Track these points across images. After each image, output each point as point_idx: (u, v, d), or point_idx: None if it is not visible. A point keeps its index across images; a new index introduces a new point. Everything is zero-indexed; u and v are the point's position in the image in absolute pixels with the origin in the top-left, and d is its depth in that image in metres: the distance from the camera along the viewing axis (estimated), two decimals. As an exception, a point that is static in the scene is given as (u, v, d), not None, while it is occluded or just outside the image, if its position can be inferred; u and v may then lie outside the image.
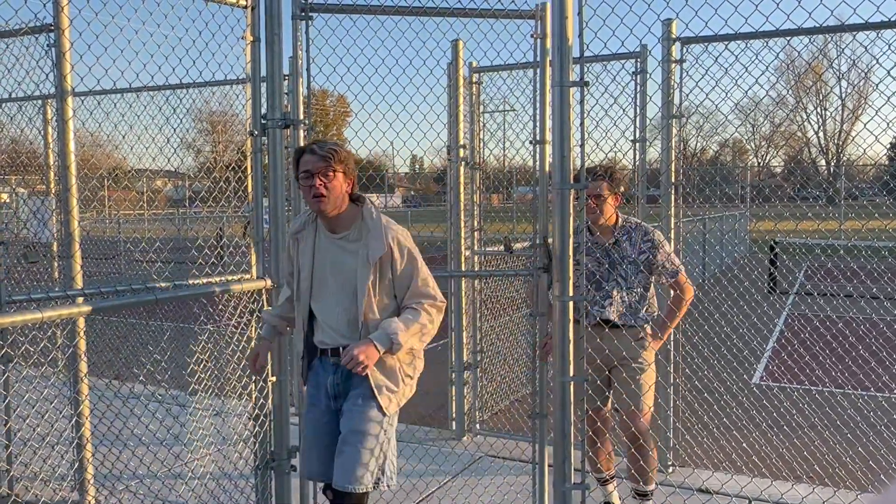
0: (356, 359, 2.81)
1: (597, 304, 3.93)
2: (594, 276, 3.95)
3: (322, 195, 2.85)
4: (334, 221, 2.97)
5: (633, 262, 3.90)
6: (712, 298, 8.34)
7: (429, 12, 3.80)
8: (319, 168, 2.85)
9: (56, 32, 3.54)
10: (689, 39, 4.54)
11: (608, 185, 3.87)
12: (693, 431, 5.77)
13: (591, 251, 3.96)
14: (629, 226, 3.95)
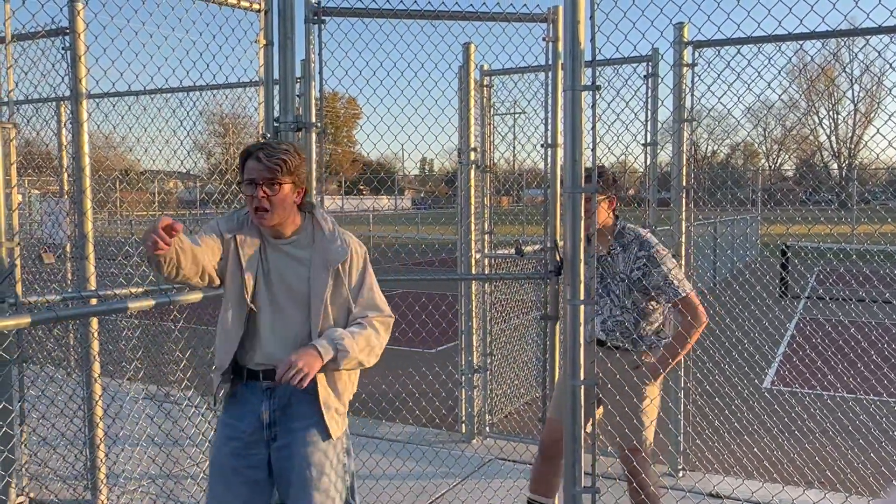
0: (294, 366, 2.38)
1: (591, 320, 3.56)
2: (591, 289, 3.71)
3: (265, 209, 2.49)
4: (279, 226, 2.59)
5: (624, 278, 3.47)
6: (723, 302, 8.32)
7: (441, 16, 3.81)
8: (264, 178, 2.48)
9: (71, 36, 3.57)
10: (700, 43, 4.54)
11: (599, 187, 3.46)
12: (704, 435, 5.75)
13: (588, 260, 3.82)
14: (627, 236, 3.52)
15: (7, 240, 3.04)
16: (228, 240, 2.55)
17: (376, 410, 6.34)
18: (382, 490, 4.58)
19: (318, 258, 2.58)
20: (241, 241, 2.56)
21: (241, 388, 2.59)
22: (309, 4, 3.65)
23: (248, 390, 2.57)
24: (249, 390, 2.57)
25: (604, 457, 5.11)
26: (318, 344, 2.46)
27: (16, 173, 3.11)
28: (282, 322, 2.56)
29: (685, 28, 4.57)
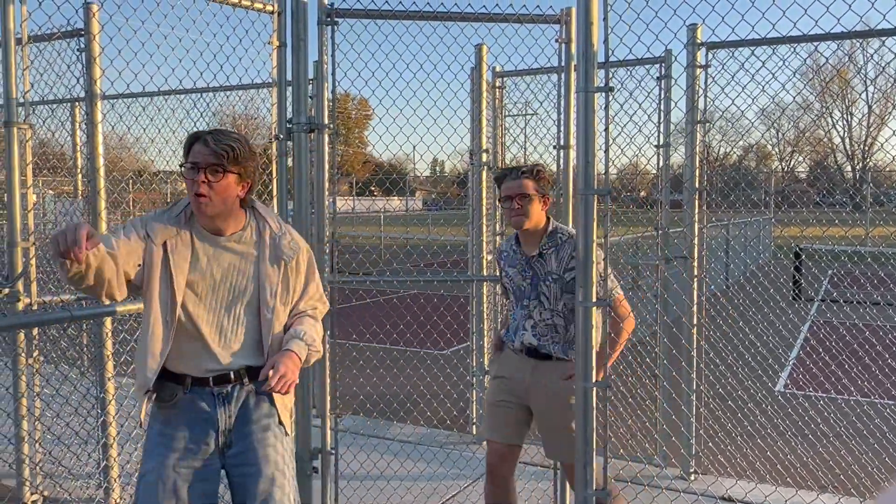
0: (287, 377, 2.32)
1: (520, 324, 3.35)
2: (519, 292, 3.37)
3: (203, 195, 2.32)
4: (220, 221, 2.42)
5: (556, 279, 3.28)
6: (736, 305, 8.27)
7: (453, 17, 3.82)
8: (208, 164, 2.32)
9: (86, 37, 3.60)
10: (714, 44, 4.52)
11: (534, 184, 3.30)
12: (716, 439, 5.72)
13: (514, 262, 3.41)
14: (560, 236, 3.34)
15: (22, 240, 3.06)
16: (154, 243, 2.36)
17: (387, 411, 6.34)
18: (393, 491, 4.59)
19: (267, 255, 2.47)
20: (173, 243, 2.38)
21: (182, 397, 2.40)
22: (322, 6, 3.66)
23: (194, 398, 2.40)
24: (197, 398, 2.40)
25: (615, 459, 5.09)
26: (294, 346, 2.41)
27: (31, 174, 3.13)
28: (229, 324, 2.42)
29: (698, 29, 4.55)
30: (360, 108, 30.59)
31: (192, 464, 2.37)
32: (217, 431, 2.40)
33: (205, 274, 2.39)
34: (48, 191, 9.51)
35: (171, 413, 2.40)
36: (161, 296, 2.35)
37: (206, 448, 2.39)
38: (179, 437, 2.38)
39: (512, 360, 3.39)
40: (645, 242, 9.33)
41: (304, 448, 3.74)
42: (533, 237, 3.34)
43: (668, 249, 4.90)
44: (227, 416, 2.41)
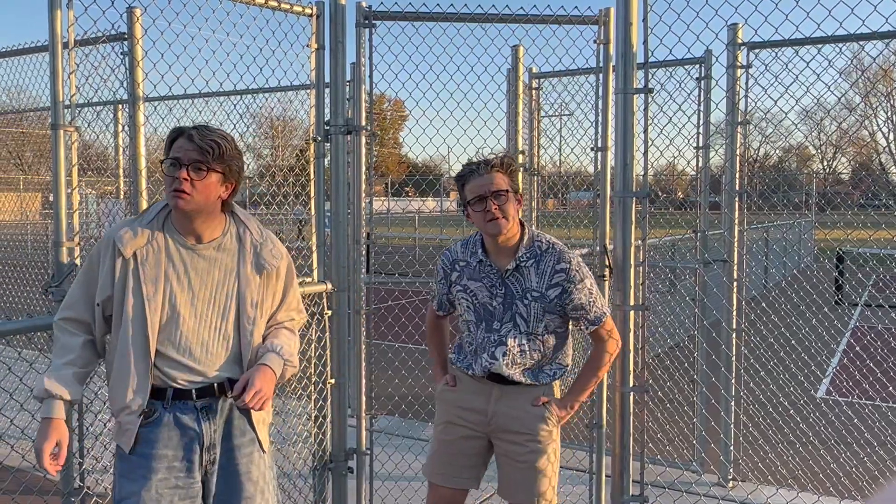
0: (262, 393, 2.22)
1: (485, 350, 2.77)
2: (485, 311, 2.79)
3: (184, 192, 2.18)
4: (199, 225, 2.28)
5: (538, 297, 2.73)
6: (777, 309, 8.13)
7: (491, 19, 3.81)
8: (191, 160, 2.19)
9: (130, 41, 3.66)
10: (755, 44, 4.44)
11: (508, 180, 2.72)
12: (756, 445, 5.62)
13: (480, 275, 2.79)
14: (539, 246, 2.77)
15: (68, 240, 3.13)
16: (123, 256, 2.22)
17: (422, 412, 6.35)
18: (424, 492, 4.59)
19: (248, 263, 2.35)
20: (143, 253, 2.23)
21: (162, 411, 2.25)
22: (360, 9, 3.69)
23: (176, 413, 2.26)
24: (179, 413, 2.26)
25: (652, 465, 5.03)
26: (269, 361, 2.31)
27: (76, 175, 3.20)
28: (210, 334, 2.28)
29: (739, 29, 4.48)
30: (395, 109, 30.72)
31: (177, 483, 2.25)
32: (202, 448, 2.28)
33: (182, 283, 2.26)
34: (90, 191, 9.73)
35: (150, 431, 2.24)
36: (136, 306, 2.21)
37: (191, 465, 2.26)
38: (161, 455, 2.24)
39: (468, 384, 2.86)
40: (683, 245, 9.22)
41: (340, 448, 3.76)
42: (507, 247, 2.76)
43: (707, 252, 4.83)
44: (213, 430, 2.30)
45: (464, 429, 2.84)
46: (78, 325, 2.28)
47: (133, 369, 2.20)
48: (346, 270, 3.73)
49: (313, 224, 3.85)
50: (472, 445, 2.84)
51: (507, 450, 2.80)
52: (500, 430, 2.80)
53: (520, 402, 2.78)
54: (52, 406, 2.16)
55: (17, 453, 3.21)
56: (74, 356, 2.23)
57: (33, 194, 13.92)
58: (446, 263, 2.90)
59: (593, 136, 3.97)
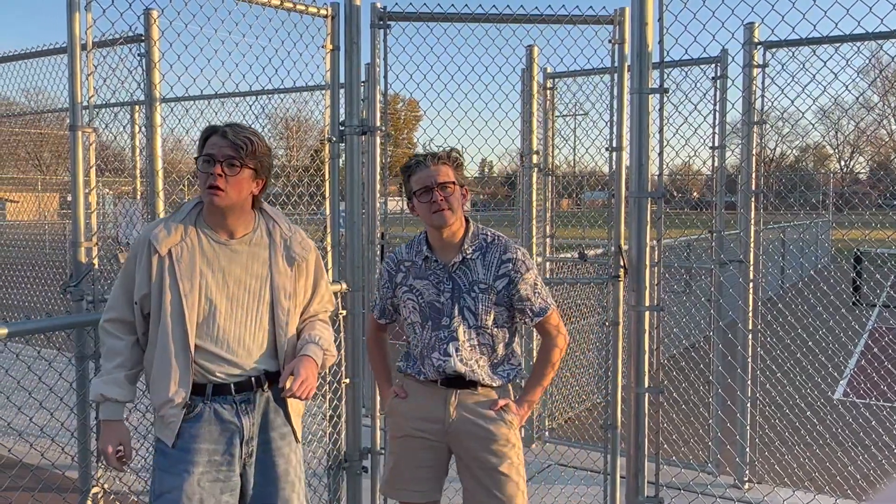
0: (308, 383, 2.28)
1: (435, 349, 2.69)
2: (432, 309, 2.71)
3: (218, 188, 2.25)
4: (231, 221, 2.36)
5: (485, 289, 2.68)
6: (793, 310, 8.07)
7: (505, 19, 3.81)
8: (225, 156, 2.26)
9: (147, 42, 3.70)
10: (772, 43, 4.41)
11: (454, 173, 2.68)
12: (772, 447, 5.58)
13: (426, 273, 2.74)
14: (483, 239, 2.74)
15: (86, 240, 3.16)
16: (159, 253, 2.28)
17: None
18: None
19: (280, 256, 2.41)
20: (178, 250, 2.29)
21: (202, 406, 2.31)
22: (375, 10, 3.70)
23: (216, 407, 2.32)
24: (219, 407, 2.32)
25: (667, 466, 5.01)
26: (310, 352, 2.36)
27: (94, 176, 3.23)
28: (246, 328, 2.34)
29: (756, 28, 4.45)
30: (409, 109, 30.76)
31: (217, 476, 2.30)
32: (242, 441, 2.34)
33: (217, 277, 2.32)
34: (108, 191, 9.81)
35: (191, 425, 2.30)
36: (173, 308, 2.27)
37: (231, 459, 2.32)
38: (202, 449, 2.29)
39: (420, 393, 2.75)
40: (699, 245, 9.16)
41: (354, 448, 3.77)
42: (451, 241, 2.71)
43: (722, 253, 4.80)
44: (251, 424, 2.35)
45: (422, 440, 2.73)
46: (122, 326, 2.35)
47: (174, 363, 2.26)
48: (361, 270, 3.74)
49: (328, 224, 3.86)
50: (432, 456, 2.75)
51: (471, 456, 2.70)
52: (460, 436, 2.69)
53: (477, 406, 2.69)
54: (108, 409, 2.28)
55: (36, 451, 3.25)
56: (123, 359, 2.32)
57: (51, 194, 14.05)
58: (391, 265, 2.83)
59: (608, 135, 3.96)
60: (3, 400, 3.13)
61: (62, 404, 3.32)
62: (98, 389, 2.27)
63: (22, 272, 9.29)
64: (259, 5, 3.55)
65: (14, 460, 3.68)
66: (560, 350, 2.78)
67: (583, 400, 6.55)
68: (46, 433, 3.27)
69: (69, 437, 3.17)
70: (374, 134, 3.78)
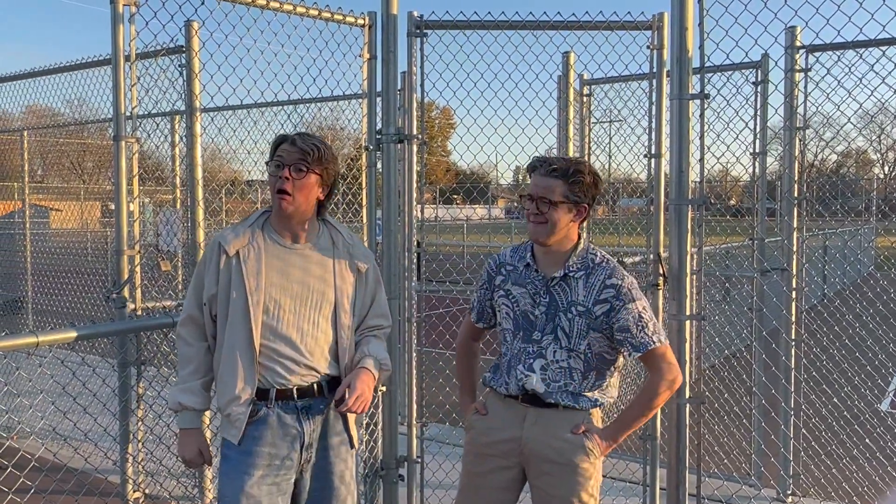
0: (364, 397, 2.34)
1: (520, 361, 2.59)
2: (525, 320, 2.61)
3: (286, 192, 2.35)
4: (297, 226, 2.44)
5: (583, 312, 2.53)
6: (838, 319, 7.88)
7: (542, 26, 3.79)
8: (293, 161, 2.36)
9: (187, 54, 3.76)
10: (815, 47, 4.32)
11: (565, 188, 2.52)
12: (817, 460, 5.45)
13: (525, 281, 2.64)
14: (592, 259, 2.59)
15: (128, 248, 3.21)
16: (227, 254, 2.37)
17: (472, 421, 6.33)
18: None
19: (343, 262, 2.48)
20: (245, 252, 2.38)
21: (266, 410, 2.37)
22: (412, 18, 3.71)
23: (279, 413, 2.37)
24: (282, 412, 2.37)
25: (709, 479, 4.92)
26: (367, 365, 2.42)
27: (137, 185, 3.29)
28: (310, 333, 2.40)
29: (798, 32, 4.36)
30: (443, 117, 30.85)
31: (275, 480, 2.36)
32: (302, 447, 2.39)
33: (281, 279, 2.38)
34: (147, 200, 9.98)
35: (254, 429, 2.35)
36: (239, 306, 2.34)
37: (290, 464, 2.38)
38: (264, 453, 2.35)
39: (499, 410, 2.65)
40: (739, 253, 9.01)
41: (391, 456, 3.77)
42: (555, 254, 2.60)
43: (765, 261, 4.71)
44: (312, 430, 2.41)
45: (495, 459, 2.63)
46: (193, 330, 2.44)
47: (240, 361, 2.33)
48: (397, 278, 3.75)
49: (365, 232, 3.88)
50: (505, 478, 2.62)
51: (542, 481, 2.56)
52: (533, 458, 2.57)
53: (556, 428, 2.55)
54: (186, 417, 2.40)
55: (80, 455, 3.30)
56: (195, 365, 2.41)
57: (93, 203, 14.36)
58: (492, 267, 2.76)
59: (646, 142, 3.92)
60: (49, 405, 3.19)
61: (105, 410, 3.37)
62: (175, 398, 2.38)
63: (66, 280, 9.49)
64: (297, 16, 3.59)
65: (59, 464, 3.74)
66: (666, 388, 2.53)
67: (620, 408, 6.46)
68: (90, 438, 3.32)
69: (112, 442, 3.22)
70: (411, 142, 3.78)
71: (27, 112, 7.62)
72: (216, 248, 2.40)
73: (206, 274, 2.41)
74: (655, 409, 2.58)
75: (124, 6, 3.12)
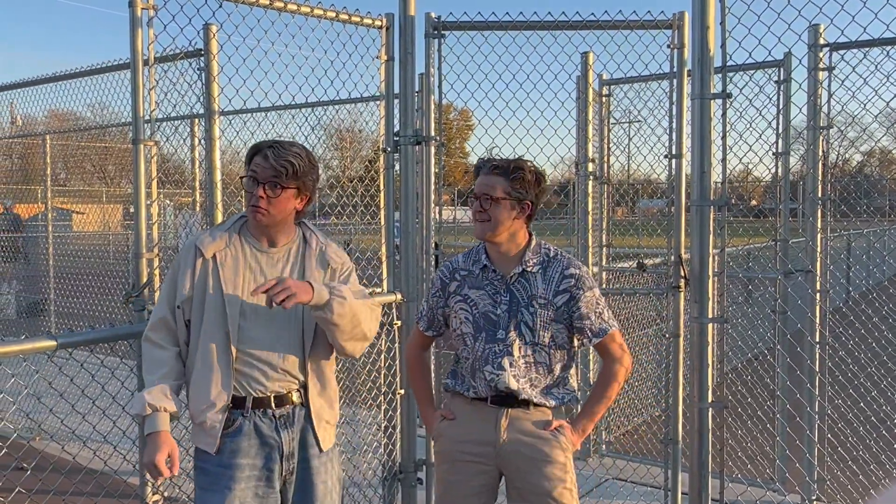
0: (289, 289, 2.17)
1: (488, 362, 2.59)
2: (486, 321, 2.63)
3: (262, 209, 2.32)
4: (273, 232, 2.42)
5: (544, 304, 2.59)
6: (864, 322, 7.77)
7: (561, 26, 3.76)
8: (267, 178, 2.31)
9: (206, 57, 3.76)
10: (839, 45, 4.25)
11: (506, 185, 2.56)
12: (842, 465, 5.35)
13: (482, 283, 2.66)
14: (545, 254, 2.66)
15: (147, 251, 3.21)
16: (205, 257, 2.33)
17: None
18: (497, 505, 4.53)
19: (314, 262, 2.44)
20: (222, 255, 2.35)
21: (242, 420, 2.30)
22: (430, 19, 3.69)
23: (256, 422, 2.32)
24: (258, 421, 2.32)
25: (732, 483, 4.85)
26: (313, 281, 2.31)
27: (156, 188, 3.29)
28: (285, 339, 2.35)
29: (822, 30, 4.29)
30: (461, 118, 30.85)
31: (257, 492, 2.31)
32: (281, 457, 2.34)
33: (257, 283, 2.33)
34: (167, 202, 10.05)
35: (231, 440, 2.29)
36: (216, 310, 2.29)
37: (270, 474, 2.32)
38: (243, 464, 2.28)
39: (468, 414, 2.65)
40: (762, 255, 8.90)
41: (409, 459, 3.75)
42: (508, 252, 2.64)
43: (788, 262, 4.64)
44: (290, 439, 2.36)
45: (471, 465, 2.61)
46: (165, 334, 2.36)
47: (216, 365, 2.27)
48: (415, 280, 3.73)
49: (383, 234, 3.86)
50: (482, 483, 2.62)
51: (523, 480, 2.57)
52: (511, 459, 2.58)
53: (530, 426, 2.58)
54: (157, 420, 2.23)
55: (99, 458, 3.31)
56: (167, 369, 2.30)
57: (115, 206, 14.50)
58: (445, 274, 2.76)
59: (666, 143, 3.87)
60: (69, 408, 3.21)
61: (124, 412, 3.38)
62: (144, 401, 2.23)
63: (86, 282, 9.58)
64: (315, 18, 3.58)
65: (79, 466, 3.77)
66: (624, 370, 2.62)
67: (640, 412, 6.40)
68: (109, 441, 3.33)
69: (131, 444, 3.23)
70: (429, 144, 3.76)
71: (50, 116, 7.70)
72: (192, 251, 2.35)
73: (179, 277, 2.34)
74: (616, 393, 2.64)
75: (143, 10, 3.12)
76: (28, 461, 4.50)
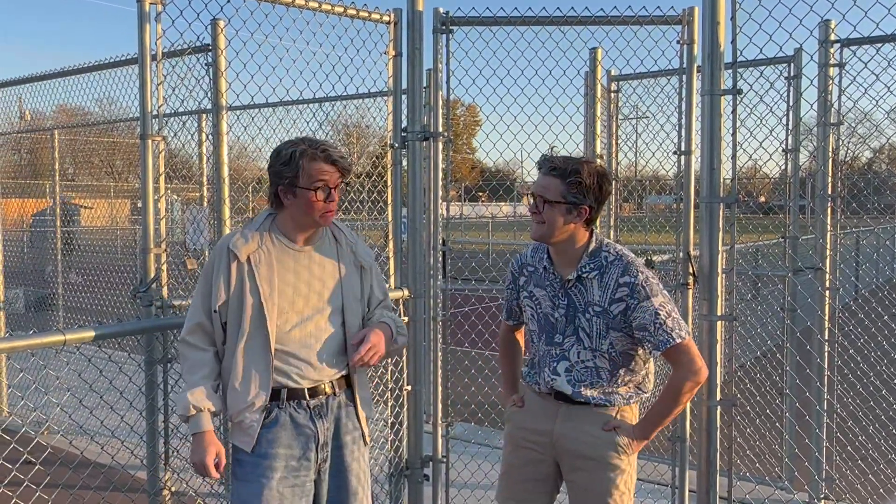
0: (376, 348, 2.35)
1: (546, 364, 2.60)
2: (547, 322, 2.61)
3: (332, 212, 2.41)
4: (314, 231, 2.47)
5: (600, 312, 2.50)
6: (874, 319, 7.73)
7: (570, 21, 3.74)
8: (337, 183, 2.38)
9: (214, 52, 3.75)
10: (849, 41, 4.21)
11: (563, 187, 2.47)
12: (851, 463, 5.33)
13: (544, 283, 2.63)
14: (605, 256, 2.54)
15: (155, 246, 3.21)
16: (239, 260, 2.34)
17: (499, 420, 6.29)
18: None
19: (347, 261, 2.49)
20: (257, 256, 2.35)
21: (278, 411, 2.35)
22: (438, 15, 3.68)
23: (292, 413, 2.36)
24: (294, 412, 2.37)
25: (740, 482, 4.83)
26: (381, 327, 2.44)
27: (164, 183, 3.29)
28: (319, 332, 2.39)
29: (833, 26, 4.25)
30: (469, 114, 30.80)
31: (294, 482, 2.35)
32: (317, 446, 2.38)
33: (293, 282, 2.37)
34: (175, 197, 10.06)
35: (267, 431, 2.34)
36: (254, 312, 2.32)
37: (307, 464, 2.37)
38: (279, 454, 2.33)
39: (534, 404, 2.69)
40: (771, 252, 8.86)
41: (416, 455, 3.75)
42: (567, 255, 2.56)
43: (798, 259, 4.61)
44: (325, 428, 2.40)
45: (530, 451, 2.66)
46: (203, 338, 2.39)
47: (255, 367, 2.31)
48: (423, 276, 3.72)
49: (390, 230, 3.86)
50: (540, 470, 2.65)
51: (575, 476, 2.59)
52: (565, 453, 2.59)
53: (587, 424, 2.55)
54: (200, 420, 2.30)
55: (107, 453, 3.32)
56: (208, 370, 2.36)
57: (123, 201, 14.54)
58: (515, 268, 2.77)
59: (674, 139, 3.85)
60: (77, 402, 3.22)
61: (132, 407, 3.39)
62: (188, 402, 2.28)
63: (95, 277, 9.61)
64: (322, 13, 3.57)
65: (86, 460, 3.78)
66: (692, 384, 2.47)
67: (647, 408, 6.37)
68: (117, 436, 3.34)
69: (138, 439, 3.24)
70: (437, 139, 3.75)
71: (58, 111, 7.71)
72: (225, 254, 2.35)
73: (214, 281, 2.36)
74: (682, 404, 2.53)
75: (150, 5, 3.12)
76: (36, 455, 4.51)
